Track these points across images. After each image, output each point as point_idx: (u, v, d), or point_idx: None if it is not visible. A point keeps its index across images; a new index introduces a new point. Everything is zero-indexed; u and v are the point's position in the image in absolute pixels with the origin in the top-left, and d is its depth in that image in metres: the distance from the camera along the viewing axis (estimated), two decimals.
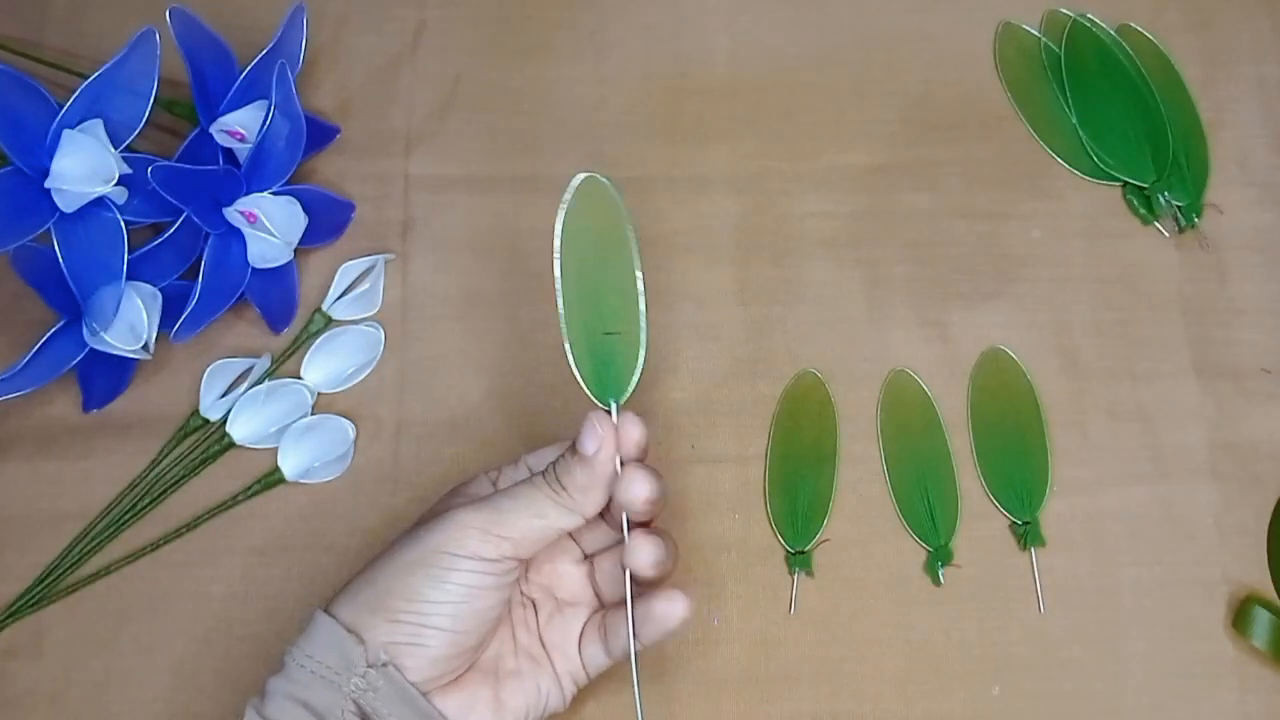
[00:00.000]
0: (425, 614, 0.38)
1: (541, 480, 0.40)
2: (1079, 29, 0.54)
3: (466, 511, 0.39)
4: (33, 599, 0.46)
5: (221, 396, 0.48)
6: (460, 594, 0.38)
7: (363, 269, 0.50)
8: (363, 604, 0.38)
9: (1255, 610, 0.46)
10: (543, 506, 0.39)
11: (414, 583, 0.38)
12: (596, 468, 0.39)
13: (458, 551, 0.38)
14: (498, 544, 0.38)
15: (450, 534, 0.38)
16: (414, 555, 0.38)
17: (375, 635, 0.38)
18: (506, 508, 0.39)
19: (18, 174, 0.42)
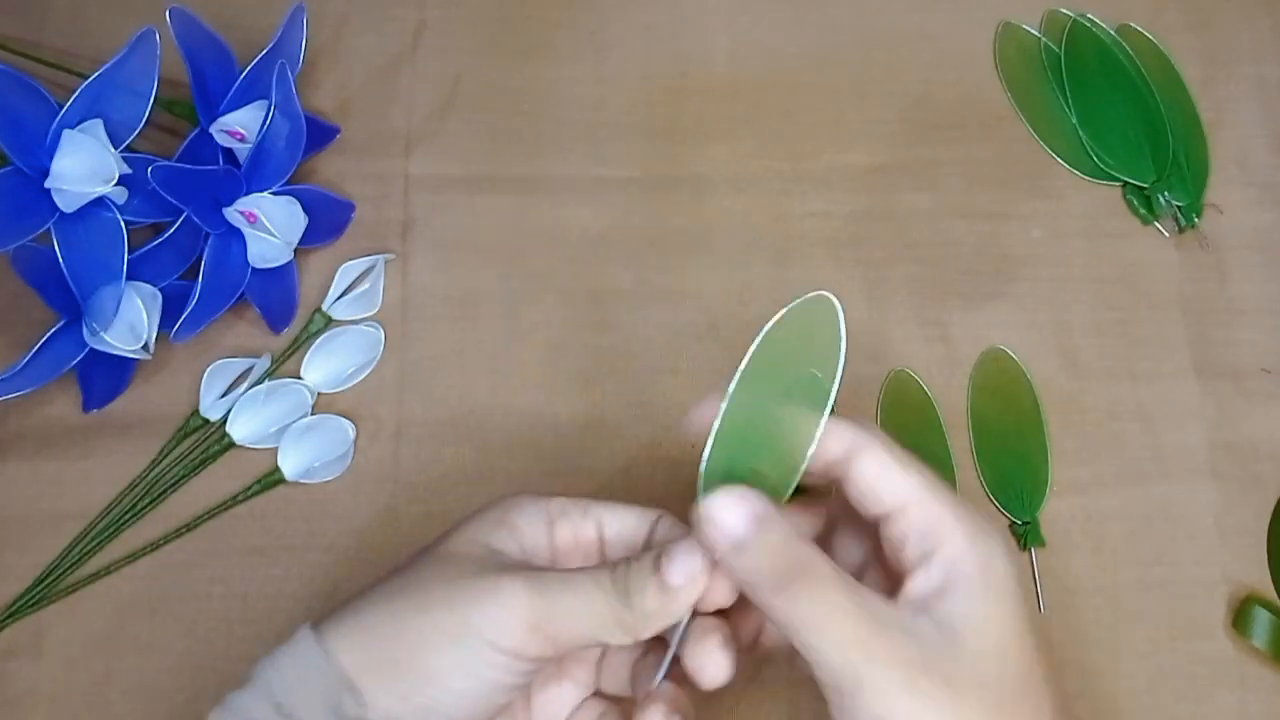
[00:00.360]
0: (441, 700, 0.33)
1: (608, 583, 0.34)
2: (1079, 29, 0.54)
3: (515, 593, 0.33)
4: (33, 599, 0.46)
5: (221, 396, 0.48)
6: (485, 689, 0.33)
7: (363, 269, 0.50)
8: (372, 659, 0.33)
9: (1255, 610, 0.46)
10: (602, 618, 0.34)
11: (440, 664, 0.33)
12: (673, 604, 0.34)
13: (498, 641, 0.33)
14: (542, 645, 0.33)
15: (493, 617, 0.33)
16: (446, 627, 0.33)
17: (380, 702, 0.33)
18: (564, 605, 0.34)
19: (18, 174, 0.42)
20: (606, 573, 0.34)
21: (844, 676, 0.31)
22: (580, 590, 0.34)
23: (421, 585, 0.34)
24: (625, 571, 0.34)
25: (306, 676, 0.33)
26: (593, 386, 0.49)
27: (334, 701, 0.33)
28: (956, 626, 0.32)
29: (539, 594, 0.33)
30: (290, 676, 0.34)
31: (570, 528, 0.38)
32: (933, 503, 0.33)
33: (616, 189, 0.52)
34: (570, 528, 0.38)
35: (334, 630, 0.34)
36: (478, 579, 0.34)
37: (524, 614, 0.33)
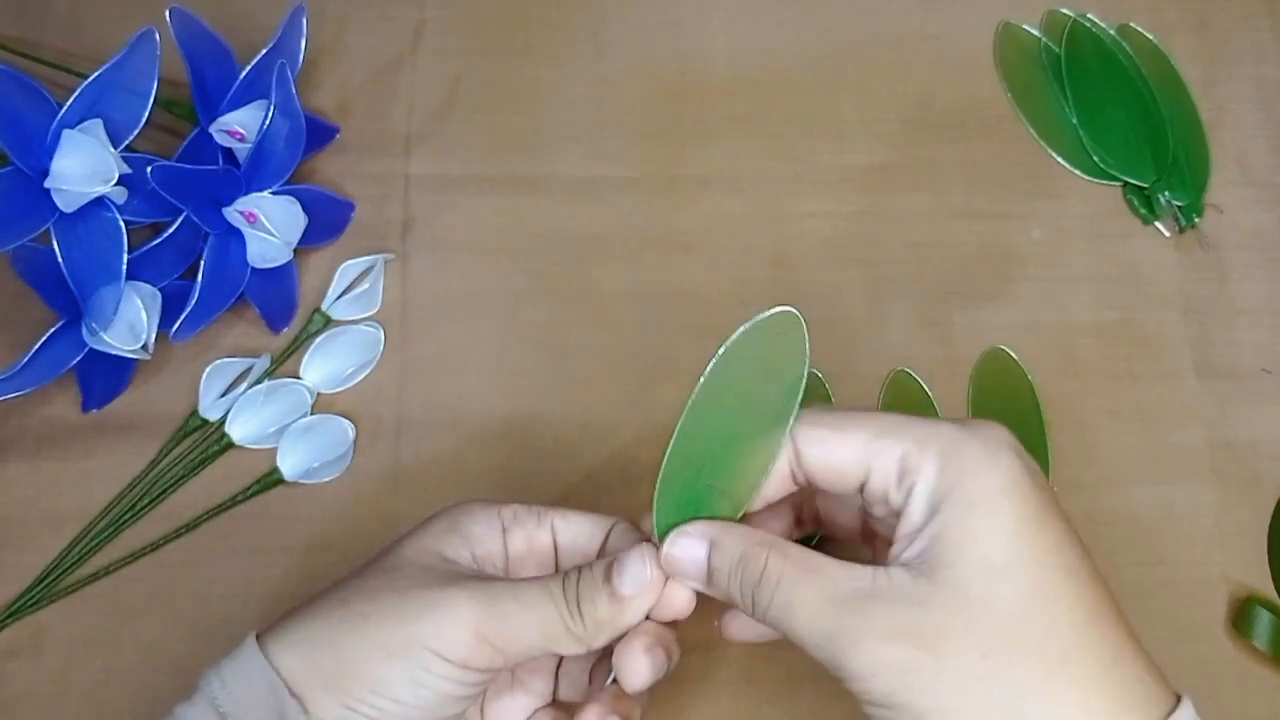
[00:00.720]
0: (387, 711, 0.33)
1: (559, 593, 0.34)
2: (1079, 29, 0.54)
3: (462, 604, 0.33)
4: (33, 599, 0.46)
5: (221, 396, 0.48)
6: (432, 701, 0.33)
7: (362, 269, 0.50)
8: (316, 670, 0.33)
9: (1255, 610, 0.46)
10: (553, 628, 0.33)
11: (386, 676, 0.32)
12: (625, 613, 0.34)
13: (444, 653, 0.32)
14: (491, 656, 0.33)
15: (441, 629, 0.33)
16: (392, 638, 0.33)
17: (323, 713, 0.32)
18: (513, 616, 0.33)
19: (17, 174, 0.42)
20: (557, 581, 0.34)
21: (832, 666, 0.30)
22: (530, 601, 0.33)
23: (369, 595, 0.34)
24: (576, 580, 0.34)
25: (251, 687, 0.33)
26: (592, 386, 0.49)
27: (279, 712, 0.32)
28: (932, 560, 0.30)
29: (487, 605, 0.33)
30: (235, 687, 0.33)
31: (524, 535, 0.37)
32: (892, 445, 0.31)
33: (616, 189, 0.52)
34: (524, 535, 0.37)
35: (279, 639, 0.34)
36: (425, 590, 0.33)
37: (471, 626, 0.33)
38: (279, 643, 0.34)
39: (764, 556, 0.32)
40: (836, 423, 0.33)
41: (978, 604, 0.29)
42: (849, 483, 0.33)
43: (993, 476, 0.30)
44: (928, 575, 0.30)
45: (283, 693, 0.32)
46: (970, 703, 0.29)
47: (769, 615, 0.32)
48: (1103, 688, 0.29)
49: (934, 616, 0.29)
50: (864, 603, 0.30)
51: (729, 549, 0.33)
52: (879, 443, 0.32)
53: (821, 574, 0.31)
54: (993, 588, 0.29)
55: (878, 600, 0.30)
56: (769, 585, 0.31)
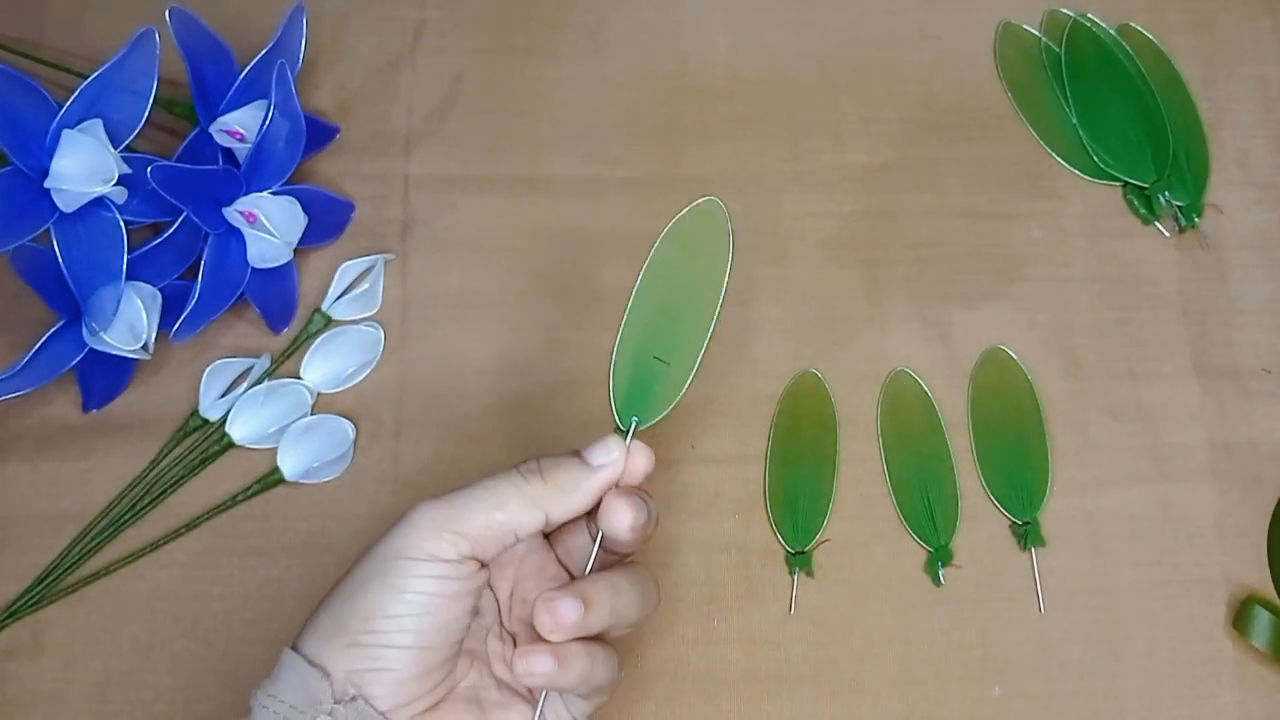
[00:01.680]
0: (386, 632, 0.34)
1: (513, 472, 0.37)
2: (1079, 29, 0.54)
3: (420, 509, 0.36)
4: (32, 599, 0.46)
5: (221, 396, 0.48)
6: (420, 604, 0.35)
7: (362, 269, 0.50)
8: (322, 632, 0.35)
9: (1255, 610, 0.46)
10: (504, 497, 0.36)
11: (370, 598, 0.35)
12: (592, 479, 0.36)
13: (413, 554, 0.35)
14: (454, 542, 0.35)
15: (403, 537, 0.35)
16: (369, 568, 0.35)
17: (338, 664, 0.34)
18: (463, 500, 0.36)
19: (17, 174, 0.42)
20: (511, 468, 0.37)
21: None
22: (479, 484, 0.36)
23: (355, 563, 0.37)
24: (536, 460, 0.37)
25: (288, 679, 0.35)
26: (593, 386, 0.49)
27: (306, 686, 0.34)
28: None
29: (444, 501, 0.36)
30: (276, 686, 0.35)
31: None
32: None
33: (616, 189, 0.52)
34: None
35: (301, 641, 0.36)
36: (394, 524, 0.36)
37: (428, 521, 0.35)
38: (301, 637, 0.36)
39: None
40: None
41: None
42: None
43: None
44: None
45: (305, 668, 0.34)
46: None
47: None
48: None
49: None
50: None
51: None
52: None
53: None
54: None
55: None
56: None
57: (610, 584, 0.37)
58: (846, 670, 0.46)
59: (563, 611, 0.35)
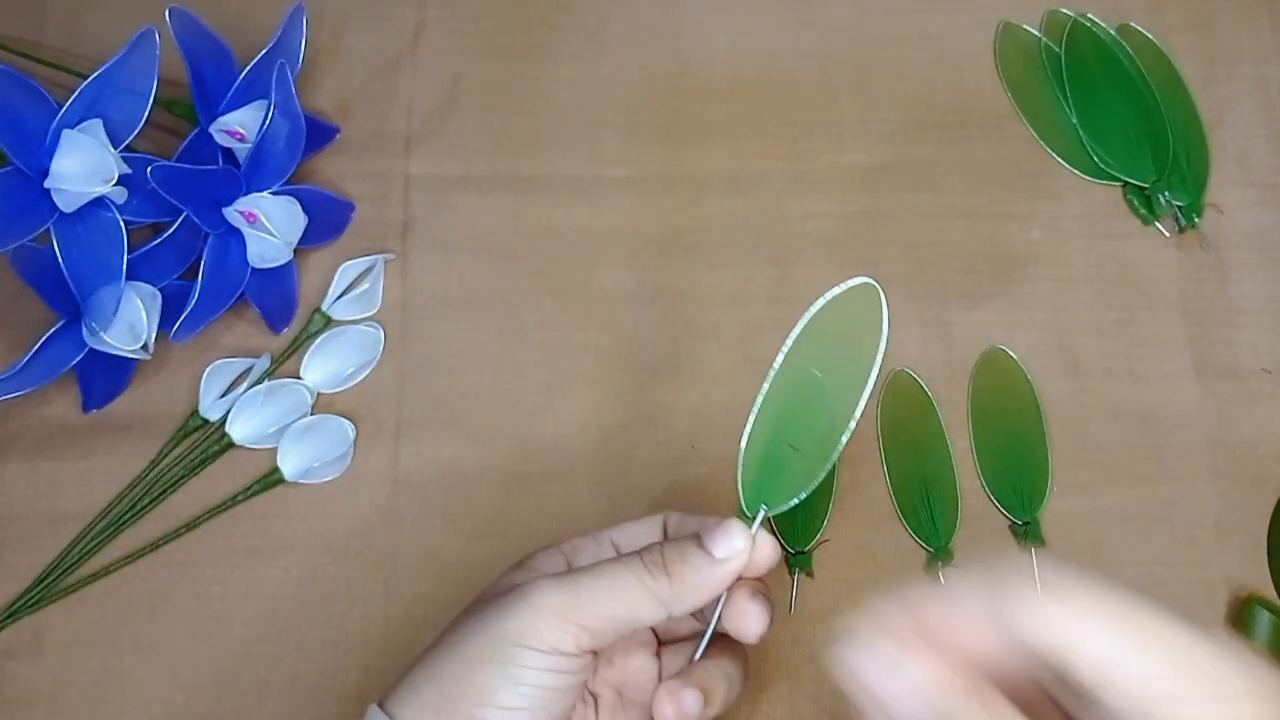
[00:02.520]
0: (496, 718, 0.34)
1: (637, 561, 0.35)
2: (1079, 29, 0.54)
3: (541, 591, 0.34)
4: (32, 599, 0.46)
5: (221, 396, 0.48)
6: (535, 697, 0.33)
7: (362, 269, 0.50)
8: (428, 704, 0.34)
9: (1256, 610, 0.46)
10: (632, 592, 0.34)
11: (484, 682, 0.33)
12: (717, 574, 0.35)
13: (532, 644, 0.33)
14: (576, 635, 0.34)
15: (523, 621, 0.34)
16: (482, 647, 0.34)
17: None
18: (588, 589, 0.34)
19: (17, 174, 0.42)
20: (634, 555, 0.35)
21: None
22: (607, 573, 0.35)
23: (455, 629, 0.36)
24: (660, 549, 0.35)
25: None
26: (592, 386, 0.49)
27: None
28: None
29: (564, 588, 0.34)
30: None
31: (588, 558, 0.38)
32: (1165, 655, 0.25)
33: (616, 189, 0.52)
34: (588, 558, 0.38)
35: (394, 699, 0.35)
36: (503, 598, 0.35)
37: (552, 609, 0.33)
38: (395, 700, 0.35)
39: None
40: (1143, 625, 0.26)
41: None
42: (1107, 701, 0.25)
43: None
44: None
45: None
46: None
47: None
48: None
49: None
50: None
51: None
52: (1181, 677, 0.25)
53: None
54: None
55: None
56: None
57: (724, 674, 0.36)
58: None
59: (688, 704, 0.35)
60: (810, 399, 0.36)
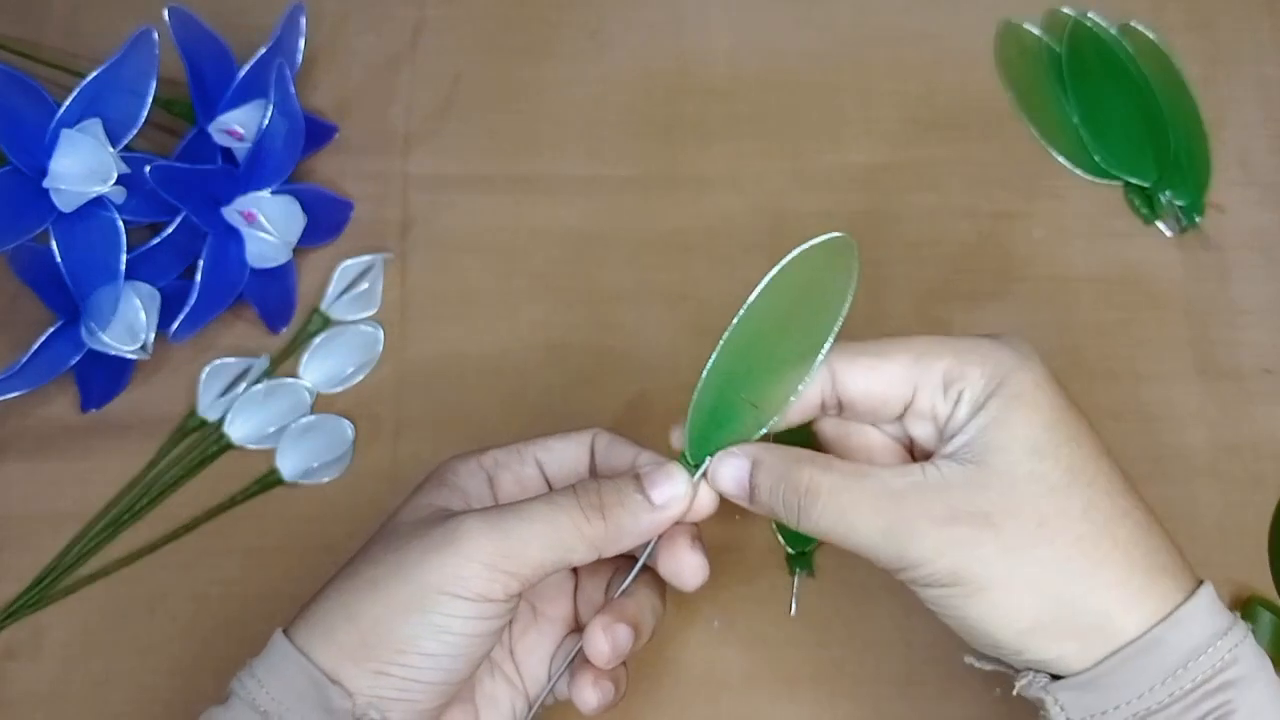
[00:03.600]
0: (419, 667, 0.33)
1: (572, 501, 0.34)
2: (1080, 28, 0.54)
3: (470, 538, 0.33)
4: (32, 599, 0.46)
5: (220, 396, 0.48)
6: (461, 645, 0.33)
7: (362, 268, 0.50)
8: (344, 648, 0.33)
9: (1257, 611, 0.45)
10: (566, 537, 0.33)
11: (408, 632, 0.32)
12: (655, 520, 0.34)
13: (461, 593, 0.32)
14: (507, 582, 0.33)
15: (449, 570, 0.32)
16: (405, 594, 0.32)
17: (359, 686, 0.32)
18: (520, 535, 0.33)
19: (16, 173, 0.42)
20: (567, 493, 0.34)
21: (893, 559, 0.32)
22: (537, 515, 0.33)
23: (373, 561, 0.34)
24: (597, 489, 0.34)
25: (289, 680, 0.33)
26: (593, 386, 0.49)
27: (322, 699, 0.32)
28: (980, 449, 0.32)
29: (491, 530, 0.33)
30: (273, 684, 0.33)
31: (511, 476, 0.38)
32: (934, 362, 0.34)
33: (616, 189, 0.52)
34: (511, 476, 0.38)
35: (302, 629, 0.34)
36: (426, 535, 0.33)
37: (479, 556, 0.32)
38: (304, 632, 0.34)
39: (807, 472, 0.33)
40: (879, 351, 0.35)
41: (1027, 480, 0.32)
42: (892, 407, 0.35)
43: (1029, 374, 0.33)
44: (977, 462, 0.32)
45: (322, 680, 0.32)
46: (1028, 568, 0.31)
47: (820, 525, 0.33)
48: (1136, 555, 0.32)
49: (990, 495, 0.32)
50: (920, 494, 0.32)
51: (772, 467, 0.34)
52: (923, 362, 0.34)
53: (870, 477, 0.33)
54: (1038, 466, 0.32)
55: (931, 490, 0.32)
56: (816, 496, 0.33)
57: (650, 606, 0.37)
58: (848, 671, 0.46)
59: (622, 639, 0.35)
60: (769, 353, 0.35)
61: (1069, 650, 0.31)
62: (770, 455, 0.34)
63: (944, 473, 0.32)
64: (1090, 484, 0.33)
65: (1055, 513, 0.32)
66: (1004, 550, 0.31)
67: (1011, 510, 0.31)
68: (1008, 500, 0.32)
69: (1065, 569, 0.31)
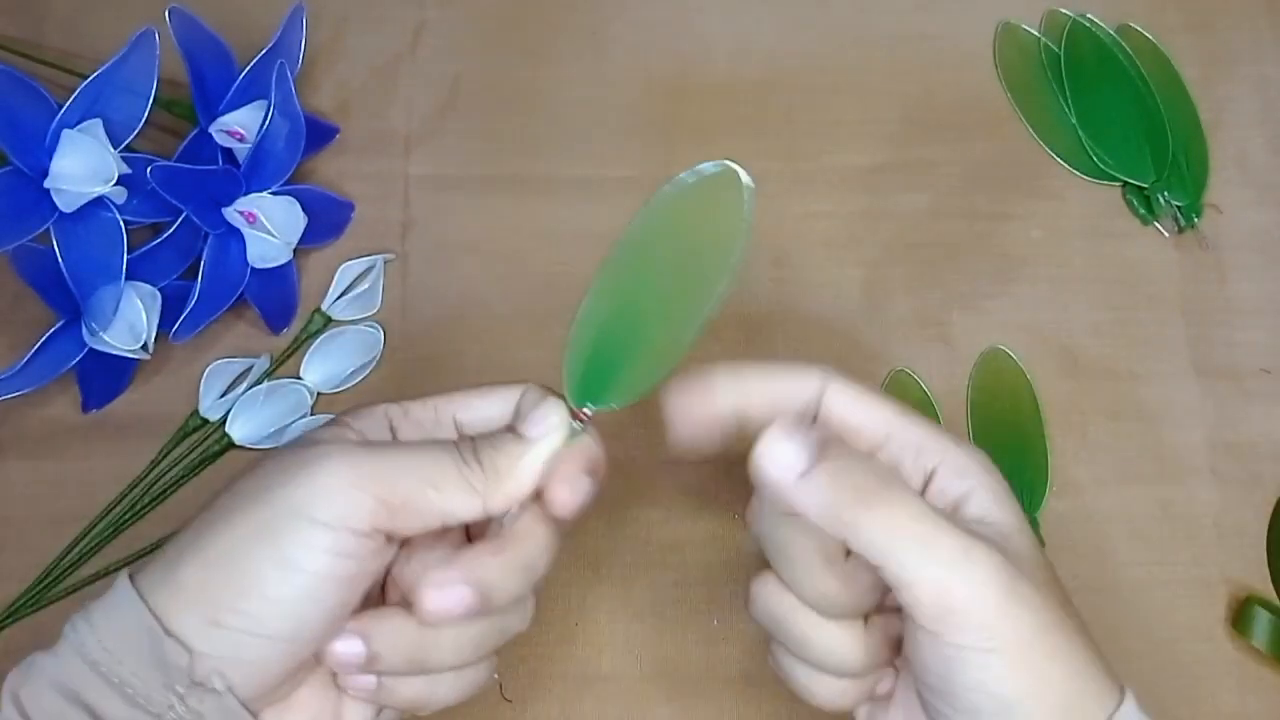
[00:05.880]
0: (260, 617, 0.28)
1: (449, 445, 0.31)
2: (1079, 29, 0.54)
3: (333, 454, 0.28)
4: (31, 599, 0.46)
5: (221, 397, 0.48)
6: (312, 587, 0.28)
7: (362, 269, 0.50)
8: (182, 588, 0.28)
9: (1255, 610, 0.46)
10: (445, 475, 0.29)
11: (250, 566, 0.27)
12: (529, 457, 0.31)
13: (317, 514, 0.28)
14: (373, 509, 0.28)
15: (305, 489, 0.28)
16: (254, 520, 0.28)
17: (196, 640, 0.28)
18: (391, 460, 0.29)
19: (17, 174, 0.42)
20: (445, 440, 0.31)
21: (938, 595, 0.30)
22: (417, 448, 0.30)
23: (231, 490, 0.30)
24: (471, 440, 0.31)
25: (124, 627, 0.28)
26: None
27: (156, 651, 0.28)
28: (996, 526, 0.32)
29: (367, 454, 0.29)
30: (107, 631, 0.28)
31: (417, 430, 0.33)
32: (916, 424, 0.34)
33: (616, 189, 0.52)
34: (417, 430, 0.33)
35: (146, 571, 0.29)
36: (291, 457, 0.29)
37: (346, 475, 0.28)
38: (148, 572, 0.29)
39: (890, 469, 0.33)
40: (869, 388, 0.35)
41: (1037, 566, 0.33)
42: (861, 444, 0.34)
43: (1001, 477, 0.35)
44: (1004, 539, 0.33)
45: (156, 631, 0.28)
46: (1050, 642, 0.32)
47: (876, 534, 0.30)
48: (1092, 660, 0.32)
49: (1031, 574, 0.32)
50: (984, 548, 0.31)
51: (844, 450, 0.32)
52: (904, 419, 0.34)
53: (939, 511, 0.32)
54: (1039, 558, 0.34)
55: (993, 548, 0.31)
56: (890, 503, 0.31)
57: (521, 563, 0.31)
58: None
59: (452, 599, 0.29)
60: (656, 289, 0.32)
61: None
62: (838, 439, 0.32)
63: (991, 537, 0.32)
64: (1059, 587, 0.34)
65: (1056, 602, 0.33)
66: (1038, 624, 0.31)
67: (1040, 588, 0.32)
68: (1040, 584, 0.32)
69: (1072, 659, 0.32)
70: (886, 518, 0.30)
